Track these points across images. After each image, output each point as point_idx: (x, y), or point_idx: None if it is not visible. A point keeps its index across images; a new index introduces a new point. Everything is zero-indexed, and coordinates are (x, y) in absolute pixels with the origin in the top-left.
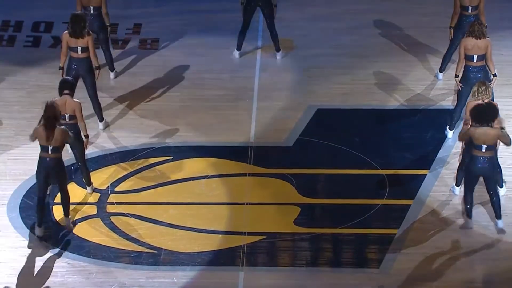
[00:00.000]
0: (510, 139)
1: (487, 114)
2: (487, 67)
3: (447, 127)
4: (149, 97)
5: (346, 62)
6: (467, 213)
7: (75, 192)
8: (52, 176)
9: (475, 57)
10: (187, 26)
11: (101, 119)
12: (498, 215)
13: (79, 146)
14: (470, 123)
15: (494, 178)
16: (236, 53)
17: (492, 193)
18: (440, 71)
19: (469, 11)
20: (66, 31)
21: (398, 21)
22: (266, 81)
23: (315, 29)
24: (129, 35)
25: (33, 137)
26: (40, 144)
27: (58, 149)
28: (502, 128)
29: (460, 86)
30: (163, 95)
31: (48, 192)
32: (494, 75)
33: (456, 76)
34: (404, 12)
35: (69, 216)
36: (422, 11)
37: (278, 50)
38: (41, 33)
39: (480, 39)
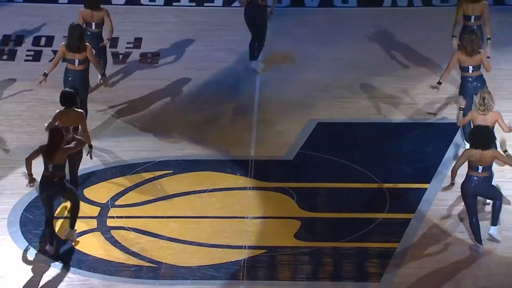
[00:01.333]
0: None
1: (482, 139)
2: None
3: (463, 141)
4: (150, 111)
5: (347, 76)
6: (476, 238)
7: None
8: (57, 194)
9: (470, 68)
10: (187, 40)
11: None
12: (494, 222)
13: (78, 160)
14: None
15: (490, 194)
16: (252, 63)
17: (493, 200)
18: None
19: (472, 20)
20: (64, 43)
21: (399, 35)
22: (266, 95)
23: (315, 42)
24: (130, 49)
25: (37, 153)
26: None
27: (60, 167)
28: (506, 151)
29: (461, 99)
30: (163, 109)
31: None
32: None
33: (439, 83)
34: (405, 26)
35: (75, 229)
36: (423, 25)
37: (255, 58)
38: (42, 47)
39: (472, 56)
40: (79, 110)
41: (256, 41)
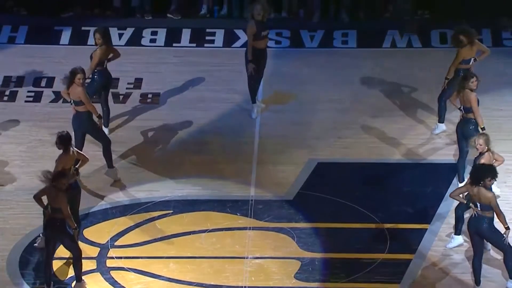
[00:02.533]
0: (501, 212)
1: (479, 175)
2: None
3: (458, 181)
4: (150, 151)
5: (346, 116)
6: (475, 279)
7: None
8: (58, 238)
9: (463, 107)
10: (188, 80)
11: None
12: (510, 275)
13: (77, 201)
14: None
15: (494, 240)
16: (255, 106)
17: (503, 252)
18: (440, 122)
19: (470, 63)
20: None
21: (399, 75)
22: (266, 134)
23: (315, 83)
24: (130, 90)
25: (41, 194)
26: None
27: (59, 210)
28: (507, 228)
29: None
30: (163, 149)
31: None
32: (483, 128)
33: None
34: (404, 66)
35: (83, 280)
36: (421, 66)
37: (255, 101)
38: (43, 88)
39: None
40: (81, 153)
41: (258, 83)
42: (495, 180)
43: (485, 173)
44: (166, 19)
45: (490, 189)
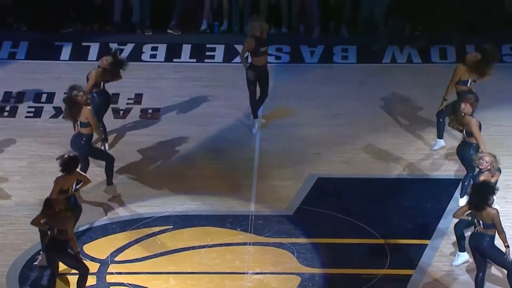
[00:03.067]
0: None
1: (482, 197)
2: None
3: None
4: (150, 166)
5: (346, 131)
6: None
7: None
8: (60, 258)
9: (464, 130)
10: (188, 96)
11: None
12: None
13: (76, 217)
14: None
15: (494, 258)
16: (256, 121)
17: (506, 270)
18: (439, 138)
19: (468, 84)
20: None
21: (398, 91)
22: (266, 150)
23: (315, 98)
24: (130, 105)
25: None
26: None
27: (64, 232)
28: (507, 246)
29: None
30: (163, 164)
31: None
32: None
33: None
34: (404, 82)
35: None
36: (421, 81)
37: (256, 116)
38: (43, 104)
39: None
40: (83, 174)
41: (260, 98)
42: (495, 194)
43: (486, 194)
44: (166, 35)
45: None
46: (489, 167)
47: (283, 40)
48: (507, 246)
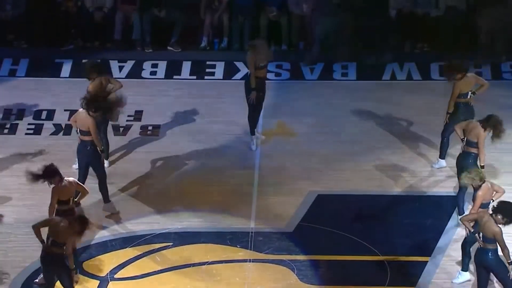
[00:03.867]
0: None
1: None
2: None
3: (457, 214)
4: (150, 183)
5: (346, 148)
6: None
7: None
8: (55, 272)
9: (466, 139)
10: (188, 112)
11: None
12: None
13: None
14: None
15: (498, 272)
16: (254, 138)
17: (503, 286)
18: (441, 158)
19: (468, 96)
20: None
21: (398, 108)
22: (266, 166)
23: (315, 115)
24: (130, 122)
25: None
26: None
27: (61, 246)
28: (510, 263)
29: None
30: (163, 181)
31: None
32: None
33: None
34: (403, 99)
35: None
36: (421, 98)
37: (254, 133)
38: (43, 121)
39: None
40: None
41: (257, 114)
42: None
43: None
44: (166, 52)
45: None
46: (479, 183)
47: (283, 57)
48: (510, 263)
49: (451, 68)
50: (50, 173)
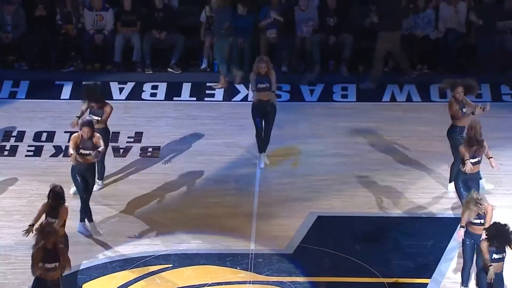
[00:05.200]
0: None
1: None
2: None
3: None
4: (149, 205)
5: (346, 170)
6: None
7: None
8: None
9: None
10: (188, 134)
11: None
12: None
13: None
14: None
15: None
16: (261, 156)
17: None
18: (451, 182)
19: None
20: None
21: (398, 129)
22: (266, 188)
23: (315, 136)
24: (130, 143)
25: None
26: None
27: (55, 268)
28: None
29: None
30: (163, 202)
31: None
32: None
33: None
34: (403, 121)
35: None
36: (421, 120)
37: (263, 151)
38: (43, 143)
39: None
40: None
41: (264, 134)
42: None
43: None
44: (166, 73)
45: None
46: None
47: (283, 79)
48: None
49: (470, 88)
50: (61, 196)
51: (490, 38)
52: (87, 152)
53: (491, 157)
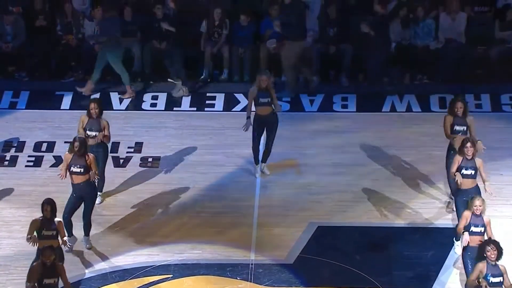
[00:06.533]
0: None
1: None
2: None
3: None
4: (149, 215)
5: (346, 180)
6: None
7: None
8: None
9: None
10: (188, 144)
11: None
12: None
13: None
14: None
15: None
16: (259, 167)
17: None
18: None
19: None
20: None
21: (398, 139)
22: (266, 198)
23: (315, 146)
24: (130, 154)
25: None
26: None
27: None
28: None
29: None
30: (163, 213)
31: None
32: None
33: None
34: (403, 131)
35: None
36: (421, 130)
37: (264, 161)
38: (43, 153)
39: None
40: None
41: (266, 145)
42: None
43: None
44: (166, 84)
45: None
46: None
47: (283, 89)
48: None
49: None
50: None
51: (491, 49)
52: (78, 170)
53: (487, 181)
